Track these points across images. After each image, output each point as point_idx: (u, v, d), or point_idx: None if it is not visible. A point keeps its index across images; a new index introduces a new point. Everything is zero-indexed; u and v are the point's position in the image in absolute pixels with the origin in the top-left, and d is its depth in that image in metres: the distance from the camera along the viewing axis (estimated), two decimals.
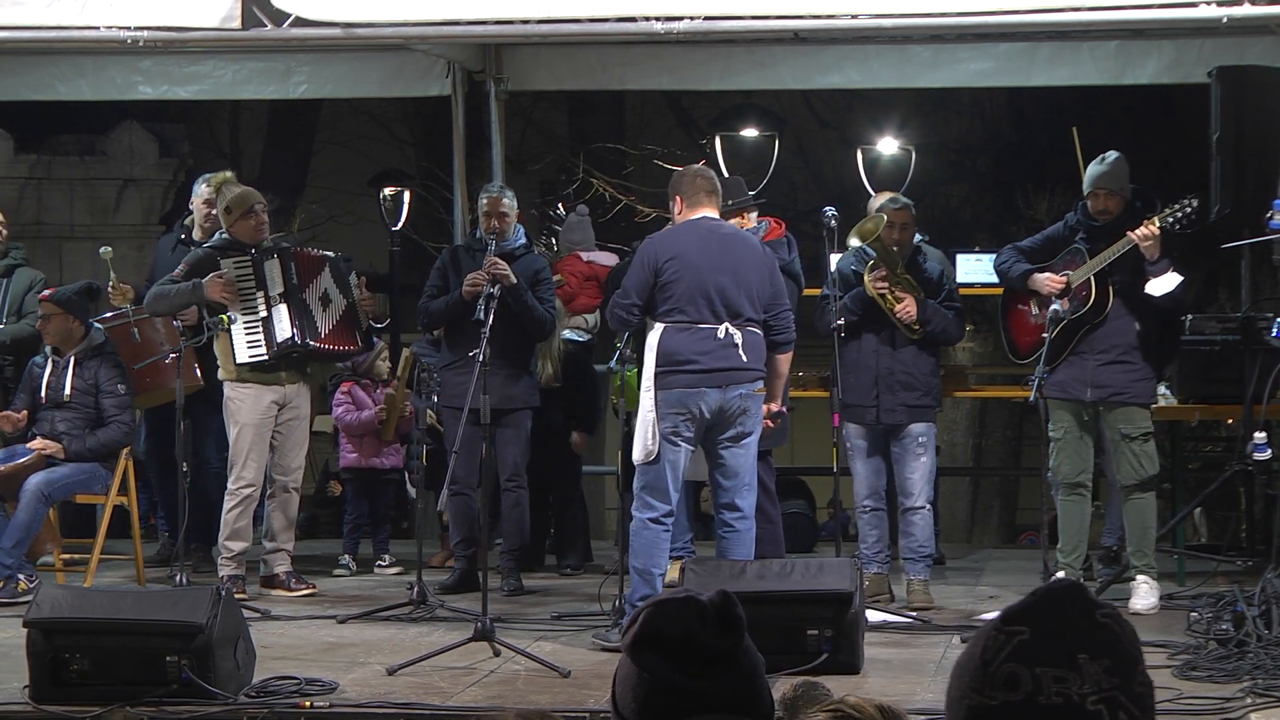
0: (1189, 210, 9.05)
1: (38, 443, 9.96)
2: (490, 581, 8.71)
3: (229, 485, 9.88)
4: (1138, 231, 9.04)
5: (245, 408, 9.82)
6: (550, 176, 19.78)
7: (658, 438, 8.25)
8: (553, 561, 11.24)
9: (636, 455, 8.40)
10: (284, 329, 9.81)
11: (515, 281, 9.71)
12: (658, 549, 8.33)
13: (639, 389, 8.48)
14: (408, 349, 11.26)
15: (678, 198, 8.63)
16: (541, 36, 10.19)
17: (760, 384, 8.49)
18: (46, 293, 10.34)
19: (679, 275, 8.31)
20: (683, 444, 8.32)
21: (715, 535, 8.61)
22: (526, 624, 8.98)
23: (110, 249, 11.21)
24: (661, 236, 8.60)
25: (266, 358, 9.80)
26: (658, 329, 8.33)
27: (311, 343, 9.90)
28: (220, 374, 9.90)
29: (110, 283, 10.87)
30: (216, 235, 10.08)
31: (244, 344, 9.77)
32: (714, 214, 8.62)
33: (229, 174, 10.45)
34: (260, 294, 9.83)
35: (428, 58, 11.87)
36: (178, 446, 9.57)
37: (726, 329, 8.32)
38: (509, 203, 10.13)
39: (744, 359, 8.36)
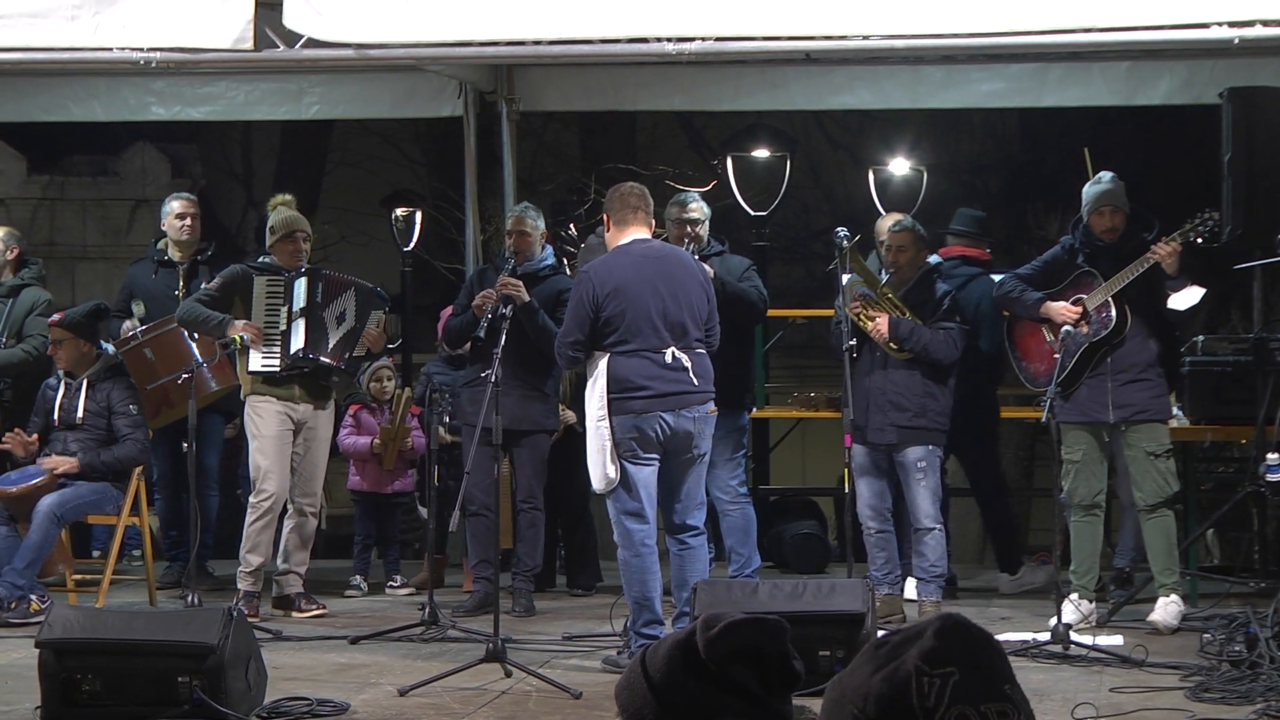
0: (1211, 223, 9.06)
1: (50, 460, 9.97)
2: (503, 603, 8.70)
3: (251, 498, 9.95)
4: (1159, 248, 9.04)
5: (265, 420, 9.92)
6: (562, 197, 19.78)
7: (617, 463, 8.25)
8: (563, 583, 11.24)
9: (597, 486, 8.40)
10: (297, 342, 9.93)
11: (527, 300, 9.70)
12: (649, 574, 8.34)
13: (586, 420, 8.44)
14: (407, 389, 11.25)
15: (605, 217, 8.65)
16: (553, 57, 10.20)
17: (711, 405, 8.49)
18: (56, 317, 10.33)
19: (622, 308, 8.27)
20: (644, 463, 8.31)
21: (671, 555, 8.61)
22: (538, 645, 8.97)
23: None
24: (596, 269, 8.48)
25: (278, 369, 9.90)
26: (603, 358, 8.30)
27: (322, 358, 9.98)
28: (242, 390, 10.03)
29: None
30: (260, 257, 10.18)
31: (259, 354, 9.90)
32: (644, 232, 8.58)
33: (289, 196, 10.67)
34: (284, 309, 9.94)
35: (440, 78, 11.90)
36: (189, 464, 9.63)
37: (673, 353, 8.31)
38: (532, 222, 10.15)
39: (694, 383, 8.35)
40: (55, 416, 10.12)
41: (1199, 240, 9.07)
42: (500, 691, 7.77)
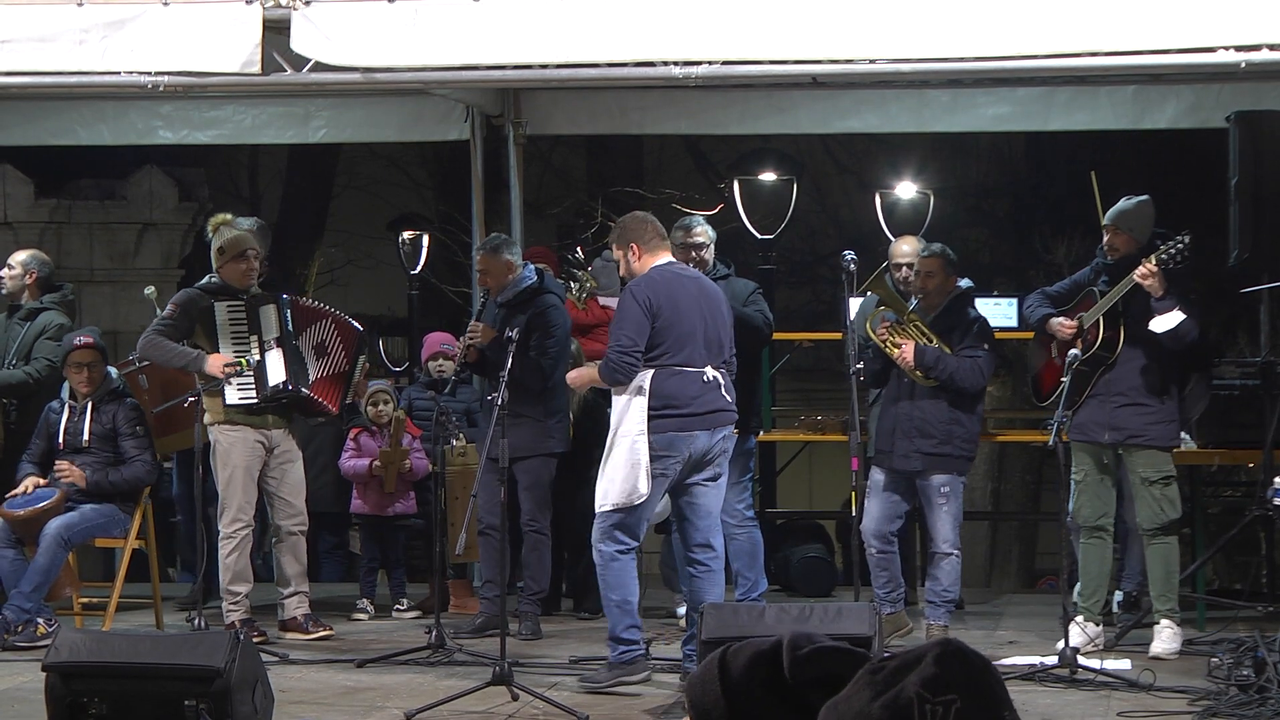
0: (1181, 246, 9.03)
1: (62, 464, 9.95)
2: (509, 625, 8.69)
3: (222, 529, 9.86)
4: (1137, 270, 9.05)
5: (235, 450, 9.82)
6: (568, 220, 19.83)
7: (649, 479, 8.25)
8: (569, 606, 11.22)
9: (619, 498, 8.31)
10: (276, 374, 9.83)
11: (483, 346, 9.80)
12: (629, 576, 8.39)
13: (616, 433, 8.40)
14: (401, 410, 11.21)
15: (634, 245, 8.52)
16: (560, 81, 10.21)
17: (733, 425, 8.53)
18: (88, 340, 10.25)
19: (672, 321, 8.32)
20: (664, 486, 8.35)
21: (687, 575, 8.59)
22: (544, 668, 8.97)
23: (154, 289, 11.27)
24: (648, 282, 8.46)
25: (256, 401, 9.82)
26: (647, 373, 8.31)
27: (303, 389, 9.93)
28: (206, 418, 9.84)
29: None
30: (207, 277, 10.10)
31: (234, 386, 9.79)
32: (671, 258, 8.65)
33: (228, 215, 10.48)
34: (254, 338, 9.85)
35: (446, 102, 11.91)
36: (196, 488, 9.61)
37: (710, 371, 8.35)
38: (491, 257, 10.08)
39: (727, 400, 8.42)
40: (60, 440, 10.11)
41: (1170, 264, 9.02)
42: (507, 715, 7.76)
